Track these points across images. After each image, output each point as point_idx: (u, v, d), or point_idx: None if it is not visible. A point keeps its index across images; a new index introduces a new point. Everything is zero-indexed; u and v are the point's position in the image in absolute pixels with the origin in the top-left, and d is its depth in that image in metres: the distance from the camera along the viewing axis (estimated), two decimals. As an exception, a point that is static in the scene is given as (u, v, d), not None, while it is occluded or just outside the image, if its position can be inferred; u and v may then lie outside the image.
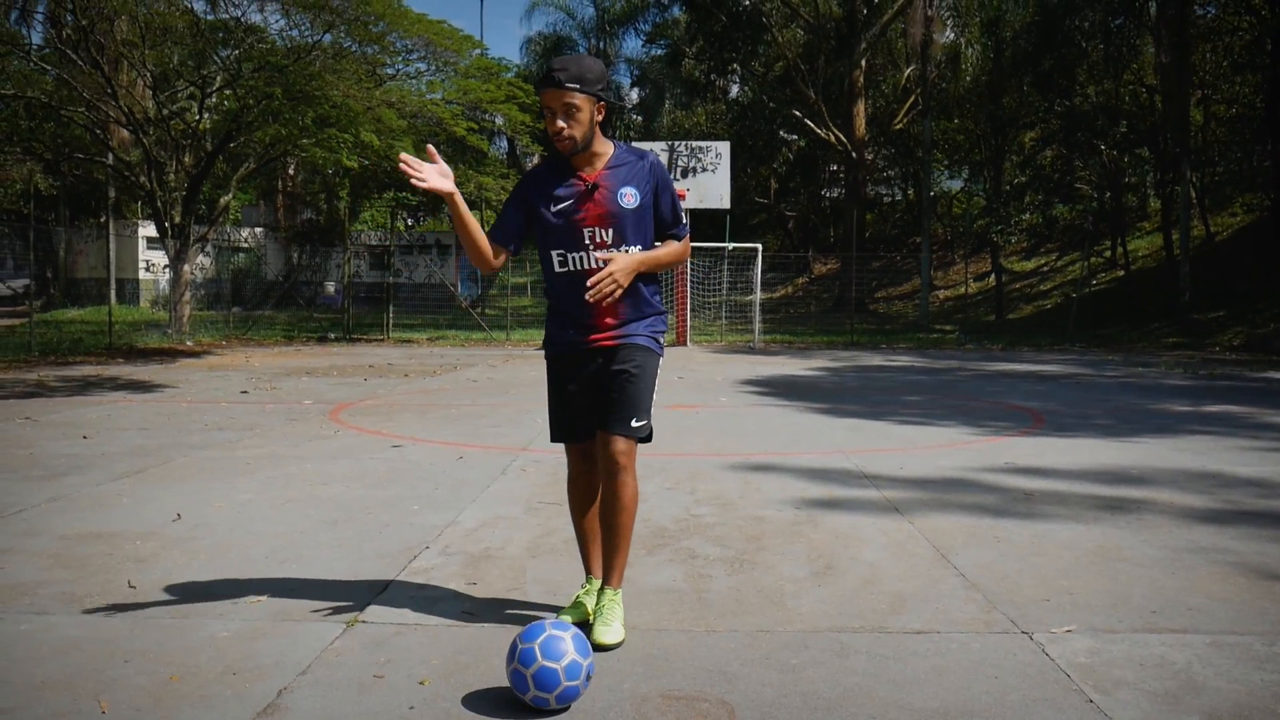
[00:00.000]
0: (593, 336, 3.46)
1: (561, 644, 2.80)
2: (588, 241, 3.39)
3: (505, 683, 2.93)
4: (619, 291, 3.30)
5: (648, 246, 3.46)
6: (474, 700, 2.89)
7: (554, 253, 3.43)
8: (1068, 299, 27.86)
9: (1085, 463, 6.93)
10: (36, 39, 22.97)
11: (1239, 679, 3.06)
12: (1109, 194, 28.86)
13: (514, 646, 2.84)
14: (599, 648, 3.19)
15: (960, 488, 6.04)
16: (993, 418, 9.57)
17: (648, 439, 3.57)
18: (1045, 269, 33.31)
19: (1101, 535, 4.85)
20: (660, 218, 3.51)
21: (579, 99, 3.28)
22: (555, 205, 3.38)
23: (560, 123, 3.30)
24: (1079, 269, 28.60)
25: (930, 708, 2.84)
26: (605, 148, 3.43)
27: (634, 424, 3.46)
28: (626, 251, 3.38)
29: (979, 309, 31.15)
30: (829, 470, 6.61)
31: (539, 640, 2.80)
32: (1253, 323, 22.36)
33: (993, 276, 31.16)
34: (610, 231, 3.38)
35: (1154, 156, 27.86)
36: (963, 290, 31.97)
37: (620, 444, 3.45)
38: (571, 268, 3.41)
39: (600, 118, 3.37)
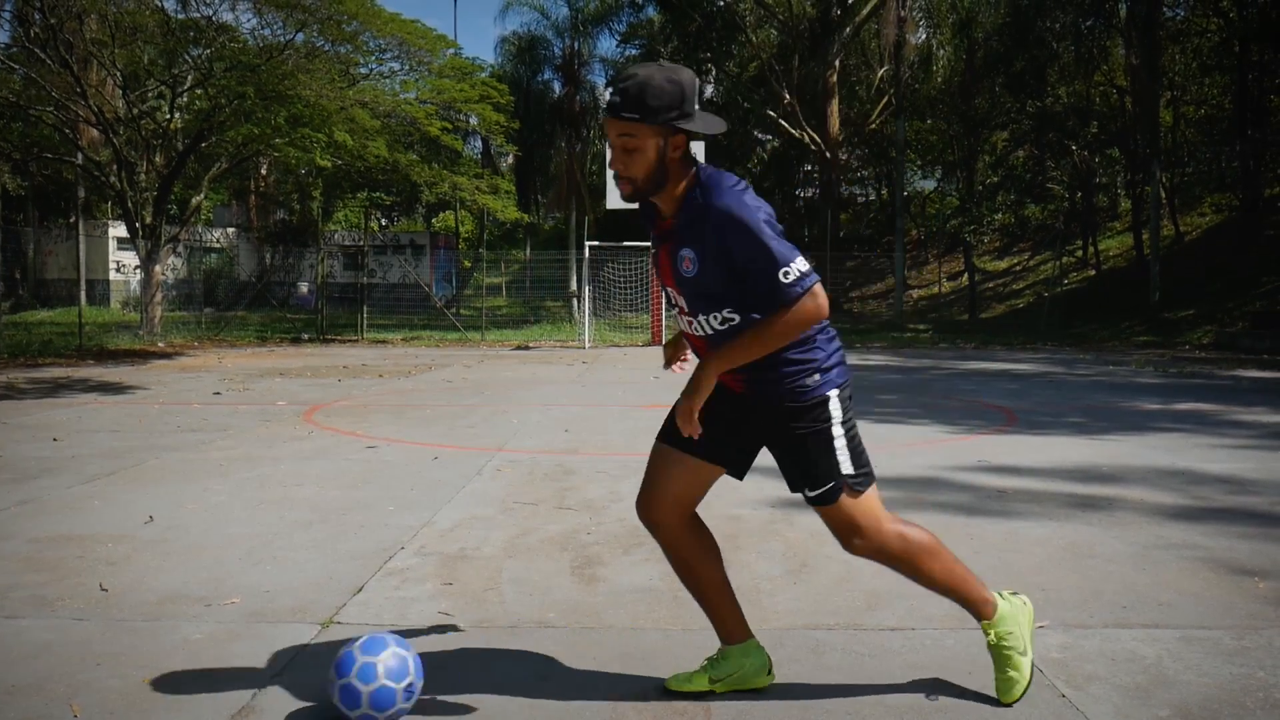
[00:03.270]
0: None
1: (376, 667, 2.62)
2: (672, 300, 2.82)
3: (481, 684, 2.94)
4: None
5: (743, 310, 2.69)
6: (450, 700, 2.88)
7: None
8: (1040, 298, 28.09)
9: (1057, 460, 6.99)
10: (3, 38, 22.77)
11: (1209, 673, 3.09)
12: (1080, 194, 29.11)
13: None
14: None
15: (934, 486, 6.08)
16: (966, 416, 9.63)
17: (857, 490, 2.85)
18: (1018, 268, 33.55)
19: (1073, 532, 4.89)
20: (747, 285, 2.63)
21: (639, 131, 2.54)
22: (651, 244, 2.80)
23: (617, 163, 2.59)
24: (1051, 268, 28.82)
25: (905, 704, 2.86)
26: (683, 183, 2.65)
27: (809, 493, 2.85)
28: (704, 322, 2.75)
29: (952, 308, 31.34)
30: (804, 469, 6.62)
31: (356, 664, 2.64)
32: (1222, 321, 22.61)
33: (966, 276, 31.35)
34: (682, 299, 2.77)
35: (1124, 157, 28.13)
36: (936, 289, 32.17)
37: (827, 511, 2.87)
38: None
39: (677, 153, 2.60)
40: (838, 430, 2.81)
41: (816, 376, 2.77)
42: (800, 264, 2.56)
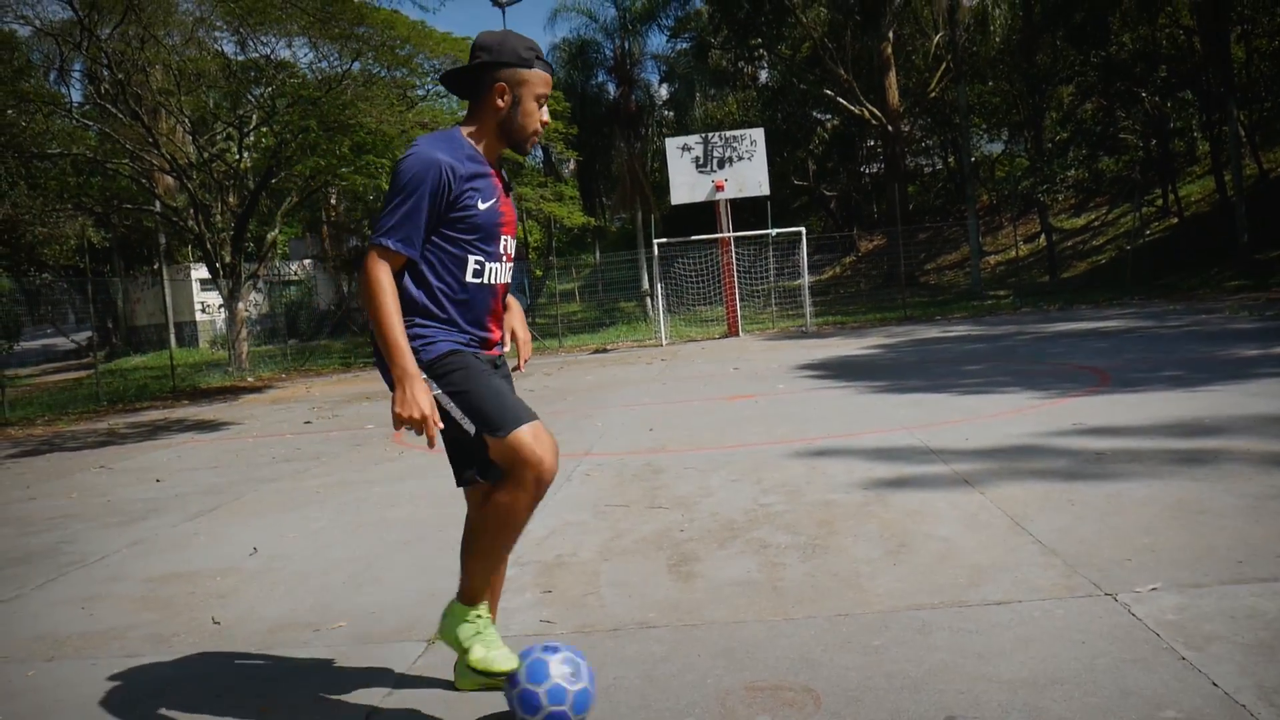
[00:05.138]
0: (492, 349, 3.00)
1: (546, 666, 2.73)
2: (501, 251, 2.92)
3: (592, 687, 2.97)
4: None
5: None
6: (560, 707, 2.90)
7: (473, 258, 2.84)
8: (1122, 252, 27.36)
9: (1156, 417, 6.80)
10: (77, 97, 23.54)
11: (1335, 624, 2.98)
12: (1155, 141, 28.25)
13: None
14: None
15: (1029, 454, 5.96)
16: (1057, 380, 9.42)
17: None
18: (1096, 224, 32.71)
19: (1179, 489, 4.75)
20: None
21: None
22: (485, 200, 2.82)
23: (547, 115, 2.92)
24: (1131, 220, 28.06)
25: (1019, 678, 2.81)
26: None
27: None
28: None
29: (1032, 271, 30.68)
30: (894, 448, 6.55)
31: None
32: (1317, 258, 21.78)
33: (1043, 237, 30.66)
34: (514, 243, 2.98)
35: (1197, 98, 27.23)
36: (1013, 254, 31.53)
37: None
38: (485, 280, 2.88)
39: None
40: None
41: None
42: None
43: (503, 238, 2.89)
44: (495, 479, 2.84)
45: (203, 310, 33.17)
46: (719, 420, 8.72)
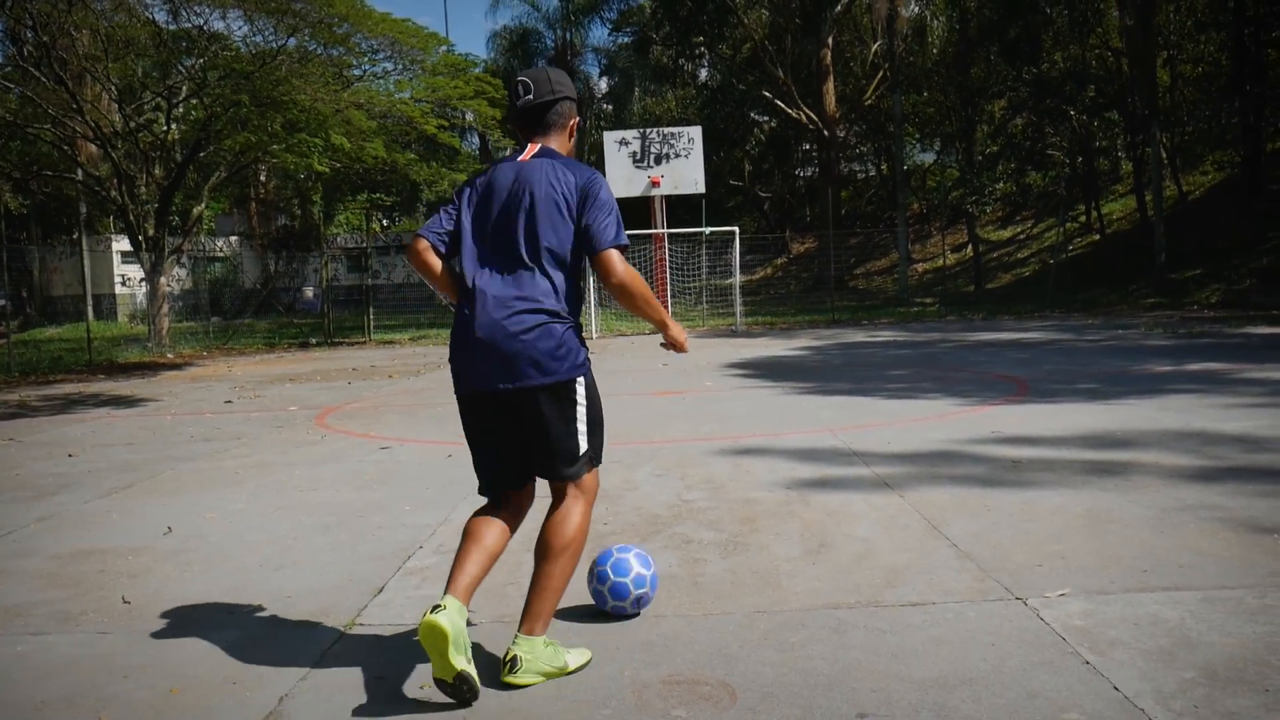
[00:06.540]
0: None
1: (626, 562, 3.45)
2: None
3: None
4: None
5: None
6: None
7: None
8: (1045, 265, 28.00)
9: (1071, 428, 6.98)
10: (-3, 57, 22.78)
11: (1232, 632, 3.09)
12: (1080, 159, 28.96)
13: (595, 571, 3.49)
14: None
15: (948, 460, 6.07)
16: (977, 388, 9.61)
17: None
18: (1022, 237, 33.43)
19: (1090, 499, 4.88)
20: None
21: None
22: None
23: None
24: (1055, 235, 28.72)
25: (930, 678, 2.87)
26: None
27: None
28: None
29: (958, 280, 31.26)
30: (818, 449, 6.64)
31: (610, 563, 3.45)
32: (1229, 279, 22.51)
33: (970, 247, 31.26)
34: None
35: (1123, 119, 27.97)
36: (941, 262, 32.08)
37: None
38: None
39: None
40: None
41: None
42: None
43: None
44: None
45: (123, 283, 32.35)
46: (646, 415, 8.75)
